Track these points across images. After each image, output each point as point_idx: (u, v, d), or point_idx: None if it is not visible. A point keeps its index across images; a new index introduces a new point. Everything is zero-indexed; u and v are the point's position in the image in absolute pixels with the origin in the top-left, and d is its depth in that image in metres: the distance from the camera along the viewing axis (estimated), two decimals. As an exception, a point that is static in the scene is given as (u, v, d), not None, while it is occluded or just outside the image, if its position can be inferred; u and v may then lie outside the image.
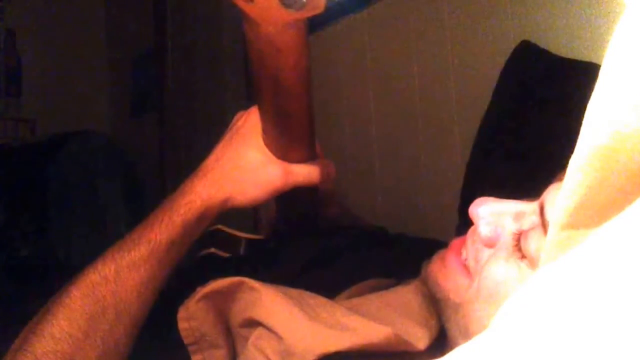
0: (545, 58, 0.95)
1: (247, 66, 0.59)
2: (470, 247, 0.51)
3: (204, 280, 0.57)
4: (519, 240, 0.47)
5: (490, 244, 0.49)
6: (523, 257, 0.47)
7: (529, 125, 0.91)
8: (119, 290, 0.55)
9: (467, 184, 1.00)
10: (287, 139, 0.59)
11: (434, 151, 1.18)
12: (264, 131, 0.59)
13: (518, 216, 0.49)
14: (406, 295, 0.56)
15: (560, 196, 0.26)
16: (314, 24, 1.36)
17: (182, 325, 0.55)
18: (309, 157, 0.61)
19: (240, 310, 0.54)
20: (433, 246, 0.60)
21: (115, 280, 0.55)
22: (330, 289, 0.58)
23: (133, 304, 0.55)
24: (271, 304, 0.51)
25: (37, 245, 1.75)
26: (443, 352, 0.49)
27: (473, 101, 1.06)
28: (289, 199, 0.67)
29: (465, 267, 0.51)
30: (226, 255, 0.77)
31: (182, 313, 0.56)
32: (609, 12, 0.83)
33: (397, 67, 1.26)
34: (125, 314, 0.55)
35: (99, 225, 1.86)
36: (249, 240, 0.78)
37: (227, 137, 0.64)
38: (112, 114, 2.52)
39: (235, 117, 0.66)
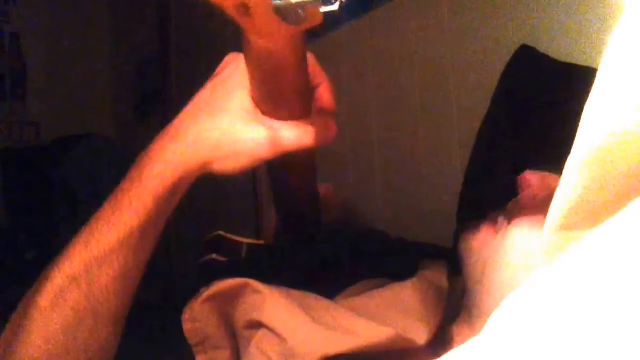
0: (544, 63, 0.95)
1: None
2: (503, 212, 0.54)
3: (206, 284, 0.56)
4: None
5: (533, 206, 0.51)
6: None
7: (529, 130, 0.91)
8: (93, 291, 0.48)
9: (466, 189, 1.00)
10: (276, 97, 0.50)
11: (434, 156, 1.18)
12: (251, 83, 0.51)
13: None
14: (404, 292, 0.56)
15: (556, 197, 0.26)
16: (316, 32, 1.37)
17: (187, 326, 0.55)
18: (303, 114, 0.51)
19: (243, 312, 0.54)
20: (432, 251, 0.61)
21: (87, 280, 0.48)
22: (331, 294, 0.58)
23: (111, 303, 0.49)
24: (274, 306, 0.51)
25: (42, 248, 1.75)
26: (443, 347, 0.50)
27: (473, 106, 1.07)
28: (285, 190, 0.65)
29: (495, 227, 0.53)
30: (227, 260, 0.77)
31: (186, 314, 0.55)
32: (608, 17, 0.84)
33: (398, 73, 1.27)
34: (104, 315, 0.49)
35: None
36: (250, 246, 0.78)
37: (210, 85, 0.54)
38: (117, 117, 2.52)
39: (225, 61, 0.55)
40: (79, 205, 1.83)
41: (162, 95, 2.20)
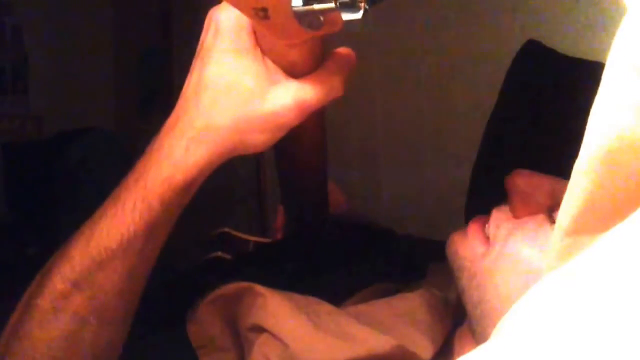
0: (552, 57, 0.94)
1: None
2: (494, 217, 0.52)
3: (210, 283, 0.56)
4: (551, 213, 0.48)
5: (521, 215, 0.50)
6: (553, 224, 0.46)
7: (536, 125, 0.91)
8: (96, 295, 0.46)
9: (473, 185, 1.00)
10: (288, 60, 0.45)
11: (440, 151, 1.18)
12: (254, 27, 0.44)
13: (554, 192, 0.49)
14: (412, 303, 0.56)
15: (565, 201, 0.26)
16: None
17: (191, 328, 0.55)
18: (318, 59, 0.46)
19: (247, 315, 0.54)
20: (440, 248, 0.60)
21: (89, 285, 0.46)
22: (337, 292, 0.58)
23: (116, 304, 0.47)
24: (277, 311, 0.51)
25: (44, 244, 1.75)
26: (445, 355, 0.50)
27: (480, 101, 1.06)
28: (294, 174, 0.65)
29: (485, 236, 0.52)
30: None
31: (190, 317, 0.55)
32: (615, 11, 0.83)
33: (403, 67, 1.26)
34: (108, 317, 0.47)
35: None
36: (256, 243, 0.78)
37: (198, 61, 0.46)
38: (119, 111, 2.52)
39: (205, 27, 0.47)
40: (81, 200, 1.82)
41: (166, 88, 2.20)
